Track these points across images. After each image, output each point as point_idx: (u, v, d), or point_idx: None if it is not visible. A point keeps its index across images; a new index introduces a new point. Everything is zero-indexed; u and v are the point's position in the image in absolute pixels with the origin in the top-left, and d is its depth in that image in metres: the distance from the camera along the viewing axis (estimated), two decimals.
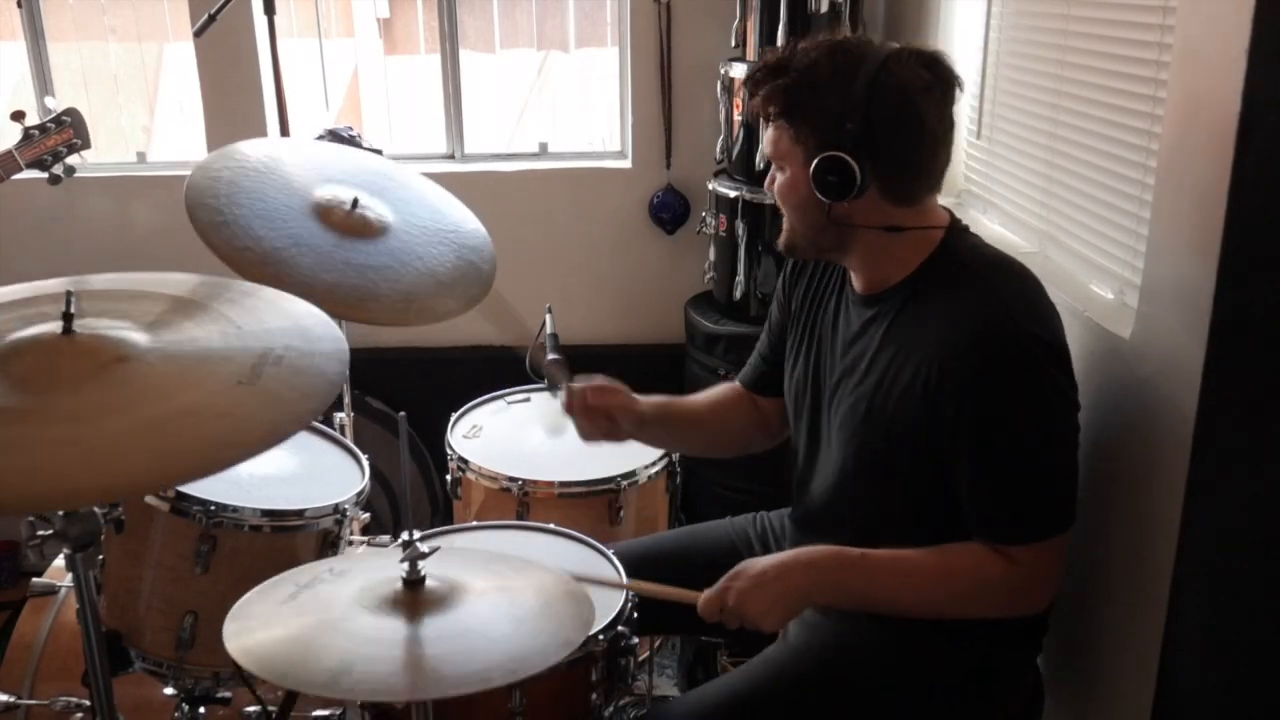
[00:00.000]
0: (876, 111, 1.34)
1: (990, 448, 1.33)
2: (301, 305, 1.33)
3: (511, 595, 1.30)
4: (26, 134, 2.33)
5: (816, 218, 1.42)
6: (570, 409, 1.65)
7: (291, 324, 1.28)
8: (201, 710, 1.69)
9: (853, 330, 1.50)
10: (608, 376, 1.68)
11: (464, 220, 1.88)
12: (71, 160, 2.41)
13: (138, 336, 1.18)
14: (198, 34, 2.26)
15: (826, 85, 1.36)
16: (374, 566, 1.34)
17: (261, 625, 1.22)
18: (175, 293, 1.30)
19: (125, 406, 1.09)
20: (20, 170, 2.32)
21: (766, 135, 1.47)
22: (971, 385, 1.31)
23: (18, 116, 2.33)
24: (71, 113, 2.38)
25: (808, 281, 1.63)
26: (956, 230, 1.45)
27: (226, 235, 1.58)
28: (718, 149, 2.78)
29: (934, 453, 1.36)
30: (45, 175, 2.38)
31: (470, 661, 1.16)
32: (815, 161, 1.37)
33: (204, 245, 1.54)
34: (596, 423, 1.65)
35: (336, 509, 1.67)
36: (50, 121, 2.36)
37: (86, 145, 2.42)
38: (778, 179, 1.47)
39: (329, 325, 1.30)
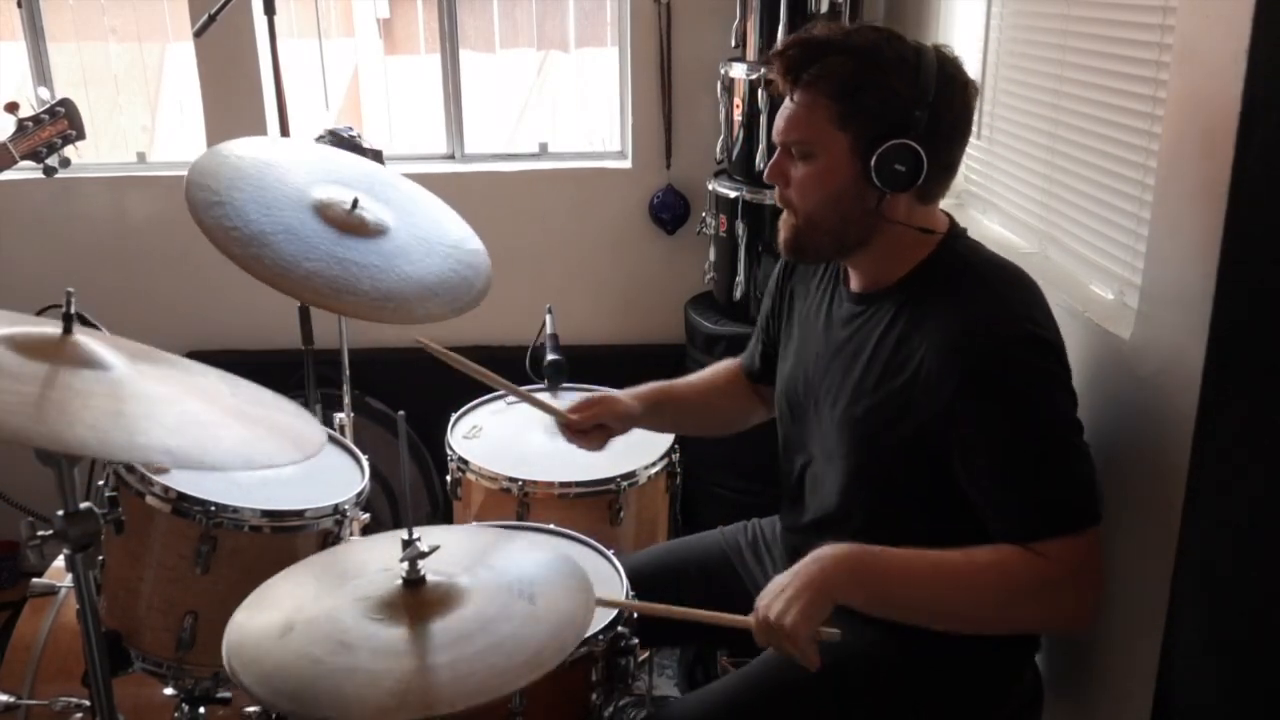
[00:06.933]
0: (943, 103, 1.33)
1: (1005, 443, 1.31)
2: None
3: (509, 586, 1.29)
4: (20, 125, 2.28)
5: (853, 209, 1.37)
6: (568, 435, 1.69)
7: None
8: (201, 710, 1.69)
9: (847, 330, 1.48)
10: (596, 388, 1.68)
11: (465, 238, 1.88)
12: (67, 152, 2.35)
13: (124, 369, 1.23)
14: (198, 34, 2.26)
15: (893, 69, 1.32)
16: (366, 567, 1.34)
17: (265, 648, 1.21)
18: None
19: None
20: (15, 163, 2.27)
21: (792, 116, 1.38)
22: (980, 384, 1.30)
23: (11, 108, 2.27)
24: (65, 103, 2.33)
25: (800, 276, 1.63)
26: (955, 232, 1.45)
27: (219, 215, 1.58)
28: (718, 149, 2.78)
29: (938, 452, 1.35)
30: (39, 168, 2.32)
31: (487, 665, 1.15)
32: (884, 147, 1.31)
33: (202, 246, 1.54)
34: (593, 439, 1.68)
35: (336, 509, 1.67)
36: (44, 113, 2.31)
37: (81, 136, 2.36)
38: (800, 168, 1.39)
39: None
